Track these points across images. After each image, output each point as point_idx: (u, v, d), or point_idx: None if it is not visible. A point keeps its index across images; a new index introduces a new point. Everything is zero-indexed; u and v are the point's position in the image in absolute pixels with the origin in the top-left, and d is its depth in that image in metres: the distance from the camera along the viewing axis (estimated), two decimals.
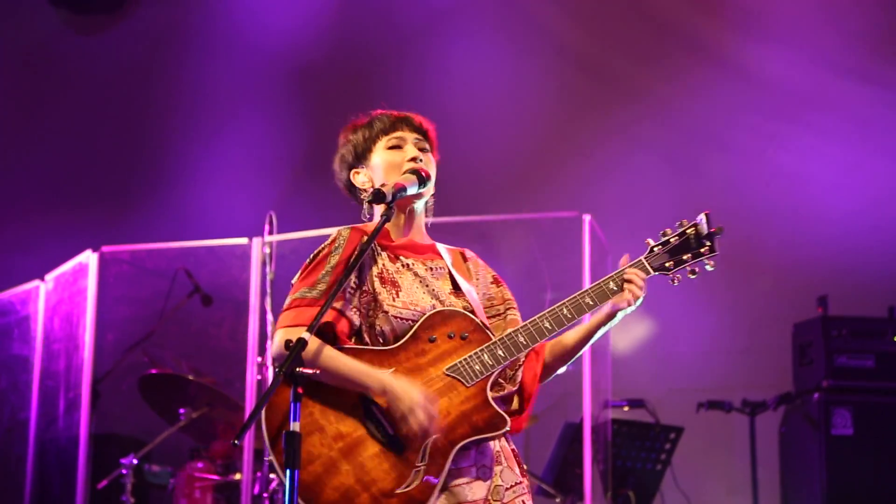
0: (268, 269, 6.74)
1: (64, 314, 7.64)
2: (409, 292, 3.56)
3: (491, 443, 3.52)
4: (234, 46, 9.59)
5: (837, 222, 8.42)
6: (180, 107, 9.56)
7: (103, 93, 9.70)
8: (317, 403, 3.44)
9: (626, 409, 7.85)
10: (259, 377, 6.72)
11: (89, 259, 7.38)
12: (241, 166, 9.39)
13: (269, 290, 6.69)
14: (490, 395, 3.49)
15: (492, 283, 3.79)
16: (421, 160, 3.66)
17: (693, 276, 3.64)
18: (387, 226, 3.61)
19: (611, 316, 3.63)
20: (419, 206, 3.70)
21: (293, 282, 3.60)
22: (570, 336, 3.70)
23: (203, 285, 7.57)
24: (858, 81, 8.59)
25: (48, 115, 9.84)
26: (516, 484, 3.54)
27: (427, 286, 3.59)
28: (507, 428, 3.47)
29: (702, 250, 3.65)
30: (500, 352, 3.50)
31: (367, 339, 3.55)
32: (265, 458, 6.48)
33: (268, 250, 6.79)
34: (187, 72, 9.62)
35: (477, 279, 3.76)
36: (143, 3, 9.85)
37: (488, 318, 3.69)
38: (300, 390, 3.19)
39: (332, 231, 3.64)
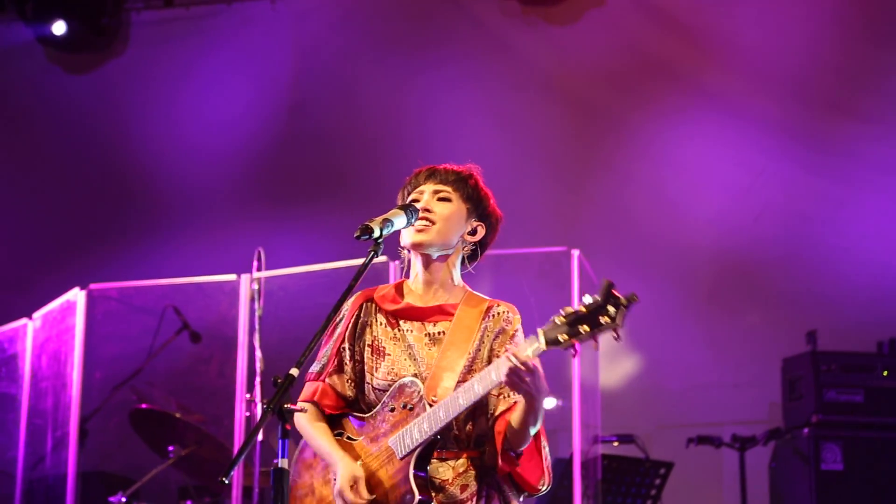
0: (256, 305, 6.71)
1: (52, 352, 7.61)
2: (395, 361, 3.56)
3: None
4: (222, 82, 9.60)
5: (826, 257, 8.42)
6: (168, 144, 9.55)
7: (91, 130, 9.70)
8: (318, 466, 3.59)
9: (615, 444, 7.81)
10: (248, 414, 6.68)
11: (77, 296, 7.35)
12: (229, 202, 9.37)
13: (257, 326, 6.65)
14: (427, 465, 3.46)
15: (509, 341, 3.59)
16: (431, 211, 3.61)
17: (595, 349, 3.25)
18: (406, 280, 3.65)
19: (529, 404, 3.38)
20: (434, 253, 3.62)
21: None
22: (515, 417, 3.49)
23: (191, 322, 7.56)
24: (843, 117, 8.62)
25: (35, 153, 9.83)
26: None
27: (412, 355, 3.56)
28: None
29: (601, 320, 3.17)
30: (425, 425, 3.42)
31: (363, 407, 3.61)
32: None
33: (256, 287, 6.76)
34: (175, 109, 9.63)
35: (490, 335, 3.59)
36: (132, 42, 9.87)
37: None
38: (287, 427, 3.20)
39: (319, 267, 3.65)
